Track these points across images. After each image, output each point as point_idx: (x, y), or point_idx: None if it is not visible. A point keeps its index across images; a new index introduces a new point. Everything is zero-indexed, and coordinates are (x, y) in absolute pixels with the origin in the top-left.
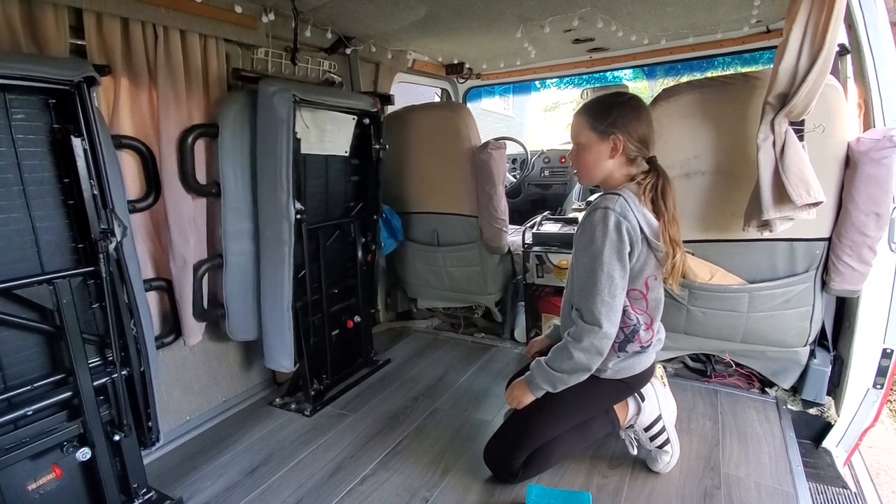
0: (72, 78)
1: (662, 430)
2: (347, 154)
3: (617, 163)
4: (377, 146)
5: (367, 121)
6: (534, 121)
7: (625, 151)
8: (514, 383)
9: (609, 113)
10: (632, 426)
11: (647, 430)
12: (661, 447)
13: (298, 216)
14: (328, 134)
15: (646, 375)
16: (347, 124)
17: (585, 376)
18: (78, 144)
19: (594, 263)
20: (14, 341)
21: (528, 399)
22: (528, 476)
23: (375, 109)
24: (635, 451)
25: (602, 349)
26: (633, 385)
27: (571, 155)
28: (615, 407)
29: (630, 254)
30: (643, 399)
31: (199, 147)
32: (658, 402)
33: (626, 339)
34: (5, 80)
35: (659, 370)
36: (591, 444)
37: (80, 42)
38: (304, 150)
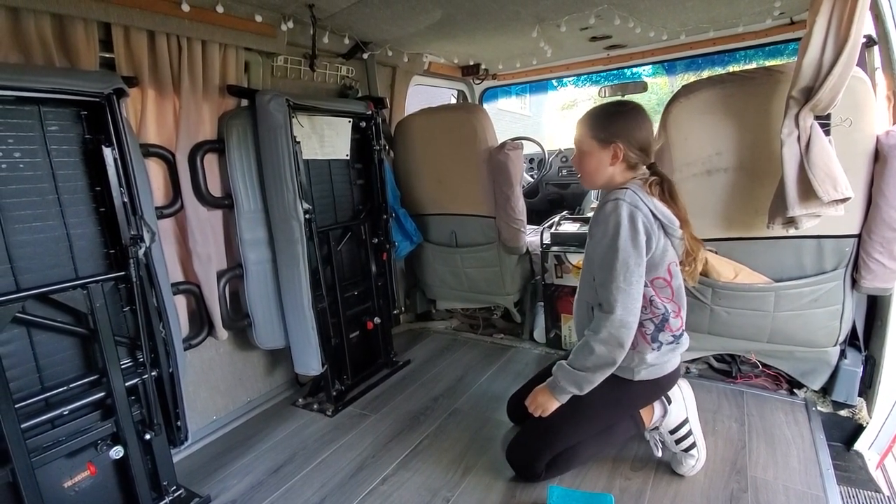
0: (102, 90)
1: (689, 433)
2: (349, 158)
3: (618, 169)
4: (377, 147)
5: (363, 124)
6: (551, 119)
7: (625, 159)
8: (536, 389)
9: (610, 123)
10: (657, 428)
11: (672, 432)
12: (686, 450)
13: (307, 215)
14: (327, 139)
15: (675, 376)
16: (344, 128)
17: (610, 371)
18: (108, 154)
19: (609, 252)
20: (50, 344)
21: (553, 406)
22: (551, 476)
23: (370, 112)
24: (660, 454)
25: (622, 339)
26: (663, 386)
27: (575, 160)
28: (640, 410)
29: (648, 243)
30: (670, 402)
31: (212, 161)
32: (685, 405)
33: (658, 328)
34: (40, 94)
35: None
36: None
37: (109, 55)
38: (306, 155)
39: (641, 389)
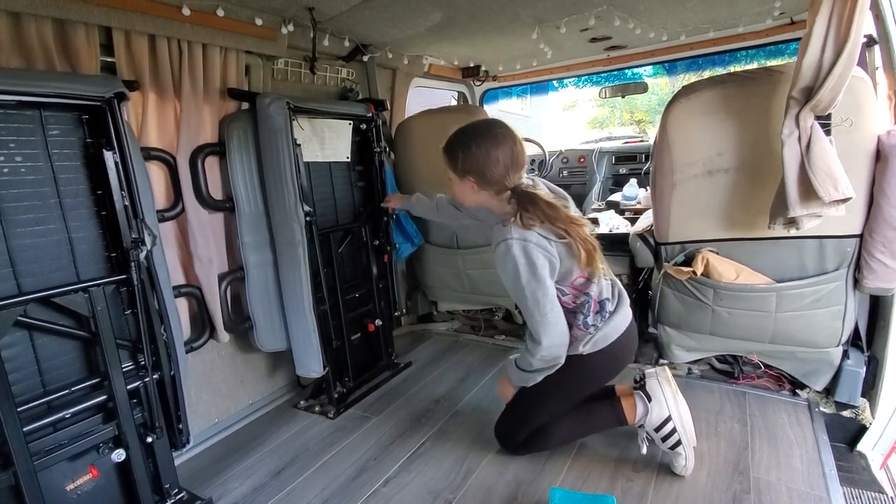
0: (103, 94)
1: (673, 430)
2: (349, 160)
3: (485, 194)
4: (377, 149)
5: (364, 126)
6: (552, 120)
7: (483, 189)
8: (499, 378)
9: (461, 157)
10: (643, 426)
11: (657, 430)
12: (673, 448)
13: (308, 218)
14: (327, 141)
15: (626, 342)
16: (345, 130)
17: (554, 370)
18: (109, 157)
19: (517, 291)
20: (52, 347)
21: (511, 391)
22: (530, 452)
23: (370, 114)
24: (644, 450)
25: (556, 354)
26: (617, 355)
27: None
28: (623, 404)
29: (551, 265)
30: (650, 399)
31: (212, 164)
32: (666, 403)
33: (585, 315)
34: (41, 98)
35: (667, 372)
36: (612, 443)
37: (110, 59)
38: (307, 157)
39: (594, 361)
